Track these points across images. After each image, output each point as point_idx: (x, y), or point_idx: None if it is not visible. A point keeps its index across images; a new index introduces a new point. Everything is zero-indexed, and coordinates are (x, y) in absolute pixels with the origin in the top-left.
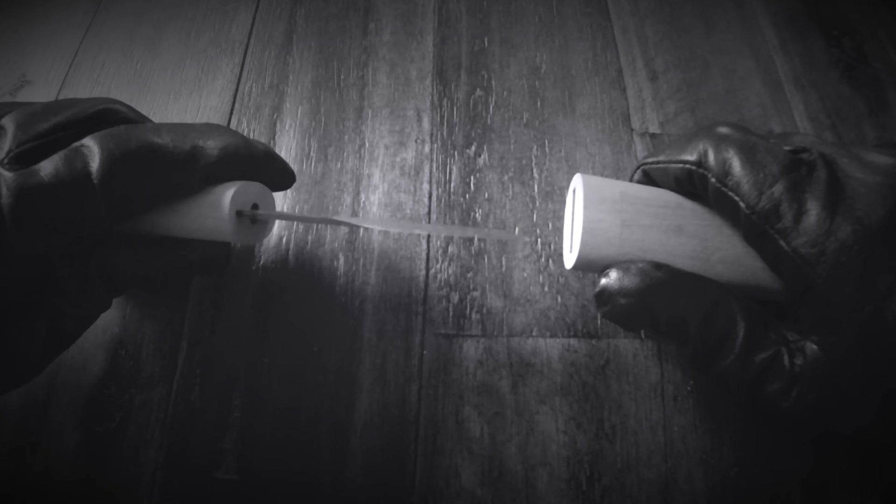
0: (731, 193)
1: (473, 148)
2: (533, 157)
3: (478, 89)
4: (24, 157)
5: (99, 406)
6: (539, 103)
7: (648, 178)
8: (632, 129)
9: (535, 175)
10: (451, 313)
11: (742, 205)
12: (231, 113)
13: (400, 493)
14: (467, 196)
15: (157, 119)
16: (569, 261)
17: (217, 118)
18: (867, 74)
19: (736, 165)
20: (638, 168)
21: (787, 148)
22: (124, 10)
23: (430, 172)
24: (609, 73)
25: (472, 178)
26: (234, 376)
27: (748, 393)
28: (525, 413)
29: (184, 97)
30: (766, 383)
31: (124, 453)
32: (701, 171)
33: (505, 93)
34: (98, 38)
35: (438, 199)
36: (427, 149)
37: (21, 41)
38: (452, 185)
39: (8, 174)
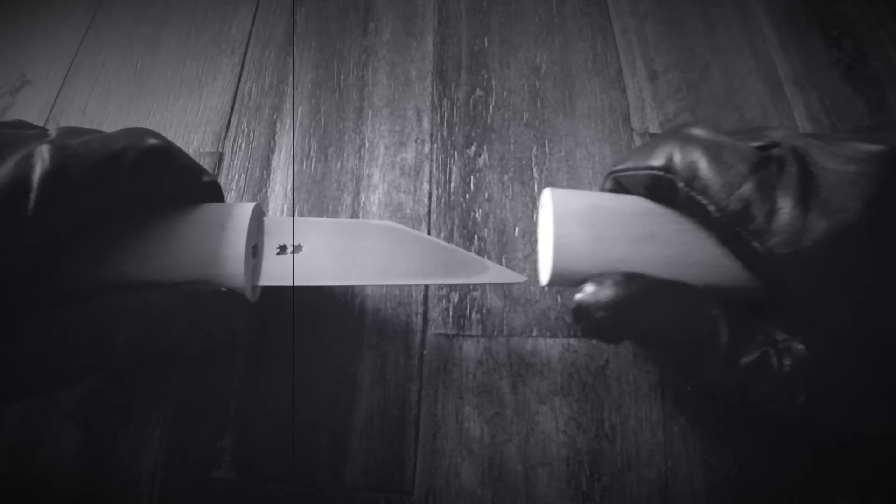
0: (699, 197)
1: (473, 148)
2: (533, 157)
3: (478, 89)
4: None
5: (99, 406)
6: (539, 103)
7: (619, 186)
8: (632, 129)
9: (535, 175)
10: (451, 313)
11: (711, 208)
12: (231, 113)
13: (400, 493)
14: (467, 196)
15: (157, 119)
16: (544, 277)
17: (217, 118)
18: (867, 74)
19: (702, 167)
20: (608, 176)
21: (756, 144)
22: (124, 10)
23: (430, 172)
24: (609, 73)
25: (472, 178)
26: (233, 376)
27: (737, 397)
28: (525, 413)
29: (184, 97)
30: (754, 387)
31: (124, 453)
32: (668, 176)
33: (505, 93)
34: (98, 38)
35: (438, 199)
36: (427, 149)
37: (21, 41)
38: (452, 185)
39: (44, 146)
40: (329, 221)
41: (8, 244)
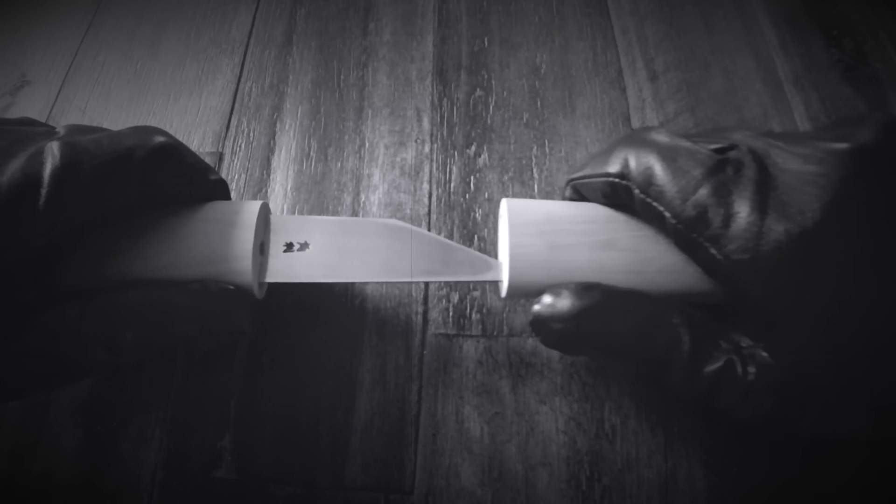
0: (655, 203)
1: (473, 148)
2: (533, 157)
3: (478, 89)
4: None
5: (99, 406)
6: (539, 103)
7: (578, 194)
8: (632, 130)
9: (535, 175)
10: (451, 313)
11: (667, 214)
12: (231, 113)
13: (400, 493)
14: (467, 196)
15: (157, 119)
16: (503, 290)
17: (217, 118)
18: (867, 74)
19: (657, 173)
20: (567, 184)
21: (714, 147)
22: (124, 10)
23: (430, 172)
24: (609, 73)
25: (472, 178)
26: (233, 376)
27: (703, 406)
28: (525, 413)
29: (184, 97)
30: (719, 395)
31: (124, 453)
32: (624, 182)
33: (505, 93)
34: (98, 38)
35: (438, 199)
36: (427, 149)
37: (21, 41)
38: (452, 185)
39: (54, 143)
40: (335, 219)
41: (18, 240)
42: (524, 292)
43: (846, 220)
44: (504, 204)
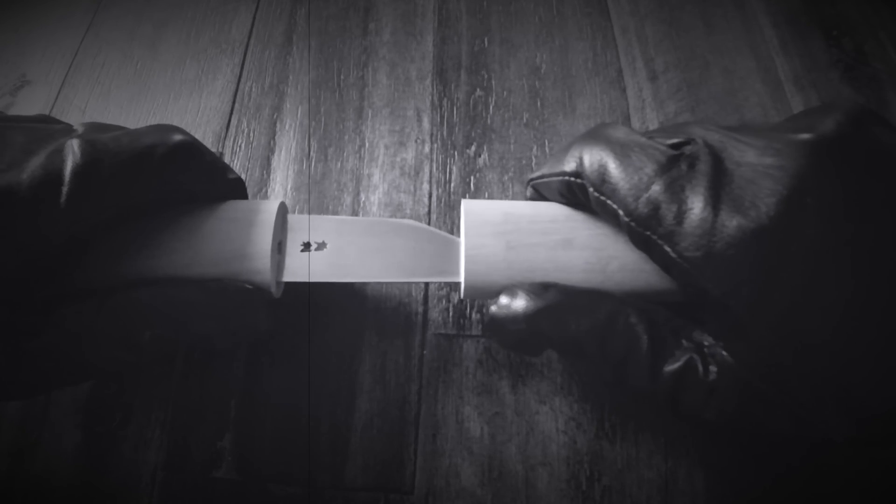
0: (609, 201)
1: (473, 148)
2: (533, 157)
3: (478, 89)
4: None
5: (99, 406)
6: (539, 103)
7: (539, 194)
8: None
9: None
10: (451, 313)
11: (621, 212)
12: (231, 113)
13: (400, 493)
14: (467, 196)
15: (157, 119)
16: (461, 290)
17: (217, 118)
18: (867, 74)
19: (610, 170)
20: (527, 184)
21: (670, 142)
22: (124, 10)
23: (430, 172)
24: (609, 73)
25: (472, 178)
26: (233, 376)
27: (665, 406)
28: (525, 413)
29: (184, 97)
30: (681, 395)
31: (124, 453)
32: (579, 181)
33: (505, 93)
34: (98, 38)
35: (438, 199)
36: (427, 149)
37: (21, 41)
38: (452, 185)
39: (75, 141)
40: (353, 219)
41: (38, 237)
42: (482, 293)
43: (805, 213)
44: (462, 205)
